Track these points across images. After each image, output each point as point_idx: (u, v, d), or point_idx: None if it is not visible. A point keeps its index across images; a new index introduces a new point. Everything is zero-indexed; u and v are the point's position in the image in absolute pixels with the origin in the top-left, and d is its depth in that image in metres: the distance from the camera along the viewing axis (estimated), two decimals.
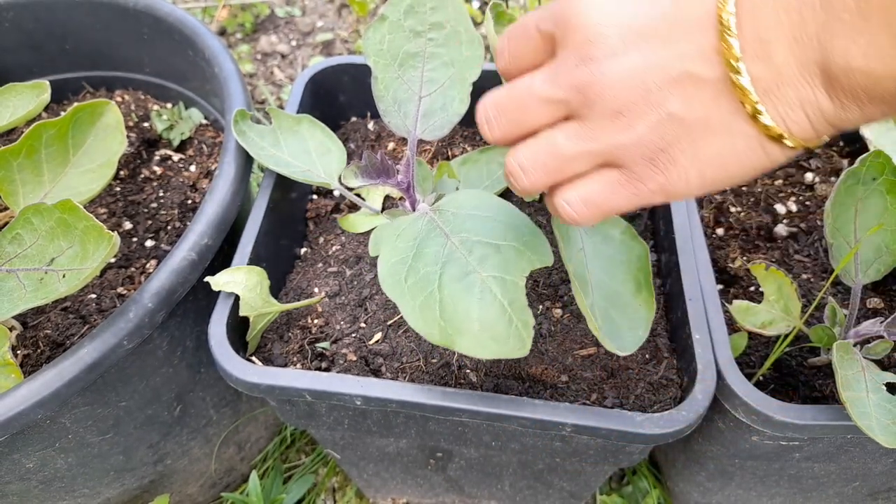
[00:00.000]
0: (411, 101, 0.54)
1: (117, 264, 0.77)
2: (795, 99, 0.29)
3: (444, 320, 0.40)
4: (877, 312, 0.70)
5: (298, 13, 1.75)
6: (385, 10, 0.54)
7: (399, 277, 0.43)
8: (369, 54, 0.54)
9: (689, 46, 0.30)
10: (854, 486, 0.70)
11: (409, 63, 0.54)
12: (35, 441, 0.60)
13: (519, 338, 0.39)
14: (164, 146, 0.93)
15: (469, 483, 0.81)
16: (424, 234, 0.45)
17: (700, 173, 0.33)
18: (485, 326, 0.40)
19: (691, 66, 0.30)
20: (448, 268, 0.42)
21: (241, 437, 0.90)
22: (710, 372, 0.54)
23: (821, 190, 0.82)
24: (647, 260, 0.57)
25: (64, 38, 0.94)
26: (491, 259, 0.42)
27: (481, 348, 0.40)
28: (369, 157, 0.52)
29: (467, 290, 0.41)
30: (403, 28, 0.54)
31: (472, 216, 0.45)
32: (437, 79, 0.54)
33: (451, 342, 0.40)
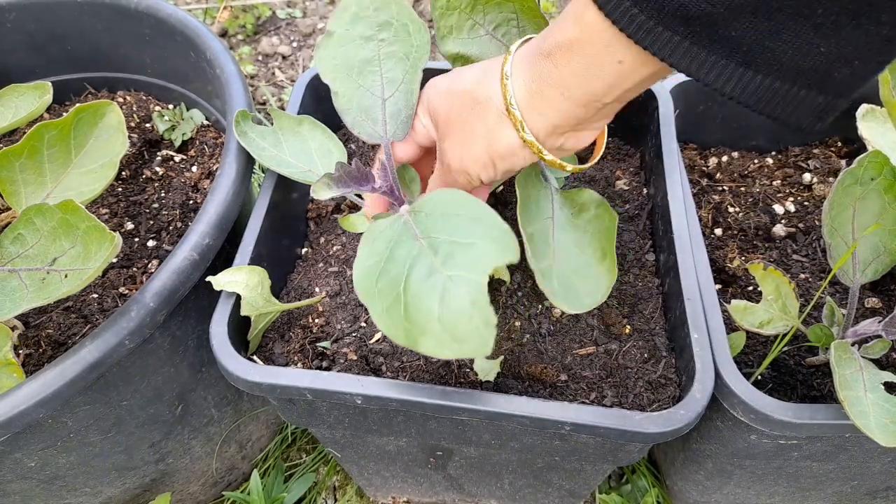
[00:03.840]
0: (376, 105, 0.54)
1: (119, 264, 0.77)
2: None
3: (408, 321, 0.40)
4: (875, 312, 0.70)
5: (299, 14, 1.76)
6: (330, 26, 0.54)
7: (371, 281, 0.43)
8: (325, 72, 0.53)
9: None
10: (852, 485, 0.70)
11: (367, 69, 0.54)
12: (37, 440, 0.61)
13: (480, 336, 0.38)
14: (166, 147, 0.94)
15: (469, 481, 0.82)
16: (398, 237, 0.45)
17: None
18: (446, 326, 0.39)
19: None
20: (414, 269, 0.42)
21: (243, 435, 0.91)
22: (709, 371, 0.54)
23: (819, 190, 0.83)
24: (614, 229, 0.58)
25: (66, 39, 0.94)
26: (455, 258, 0.41)
27: (443, 348, 0.39)
28: (341, 166, 0.52)
29: (430, 289, 0.41)
30: (353, 37, 0.54)
31: (443, 215, 0.45)
32: (396, 77, 0.54)
33: (415, 343, 0.40)
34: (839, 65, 0.34)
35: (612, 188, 0.78)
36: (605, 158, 0.85)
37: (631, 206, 0.75)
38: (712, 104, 0.86)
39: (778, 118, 0.37)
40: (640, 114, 0.80)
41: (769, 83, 0.35)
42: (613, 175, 0.80)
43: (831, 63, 0.34)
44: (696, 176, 0.88)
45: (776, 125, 0.87)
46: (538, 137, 0.47)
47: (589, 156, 0.58)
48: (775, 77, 0.35)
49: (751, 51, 0.34)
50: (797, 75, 0.35)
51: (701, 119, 0.87)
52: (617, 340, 0.63)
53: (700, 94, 0.84)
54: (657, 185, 0.72)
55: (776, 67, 0.35)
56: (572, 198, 0.60)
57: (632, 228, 0.73)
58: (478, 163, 0.50)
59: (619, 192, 0.77)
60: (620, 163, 0.82)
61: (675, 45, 0.36)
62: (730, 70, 0.35)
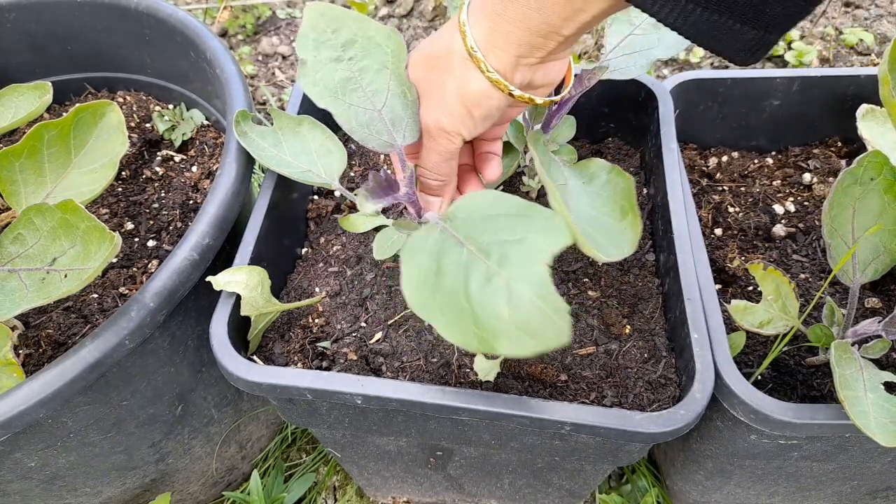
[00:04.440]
0: (374, 118, 0.54)
1: (119, 264, 0.77)
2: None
3: (479, 328, 0.40)
4: (875, 312, 0.70)
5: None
6: (300, 53, 0.53)
7: (426, 297, 0.43)
8: (315, 98, 0.53)
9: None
10: (852, 485, 0.70)
11: (349, 88, 0.54)
12: (37, 440, 0.61)
13: (555, 327, 0.38)
14: (166, 147, 0.94)
15: (469, 481, 0.82)
16: (440, 246, 0.45)
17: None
18: (520, 325, 0.39)
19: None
20: (471, 276, 0.42)
21: (243, 435, 0.91)
22: (709, 371, 0.54)
23: (819, 190, 0.83)
24: (632, 189, 0.56)
25: (66, 39, 0.94)
26: (510, 257, 0.41)
27: (521, 347, 0.39)
28: (374, 177, 0.51)
29: (494, 294, 0.41)
30: (323, 62, 0.53)
31: (482, 217, 0.45)
32: (381, 87, 0.54)
33: (492, 348, 0.40)
34: (770, 1, 0.37)
35: None
36: (604, 158, 0.85)
37: None
38: (712, 104, 0.86)
39: (714, 50, 0.40)
40: (640, 114, 0.80)
41: (707, 16, 0.38)
42: None
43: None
44: (696, 176, 0.88)
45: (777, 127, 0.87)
46: (504, 74, 0.48)
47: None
48: (713, 10, 0.37)
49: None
50: (733, 9, 0.37)
51: (701, 119, 0.87)
52: (617, 340, 0.63)
53: (700, 93, 0.84)
54: (657, 185, 0.72)
55: (714, 1, 0.37)
56: (581, 167, 0.59)
57: None
58: (454, 116, 0.51)
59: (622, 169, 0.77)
60: (620, 163, 0.82)
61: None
62: (672, 2, 0.38)
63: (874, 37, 1.50)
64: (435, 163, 0.54)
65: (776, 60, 1.50)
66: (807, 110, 0.86)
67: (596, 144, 0.87)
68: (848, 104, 0.83)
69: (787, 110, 0.86)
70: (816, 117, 0.86)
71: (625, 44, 0.68)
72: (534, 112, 0.66)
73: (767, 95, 0.85)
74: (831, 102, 0.85)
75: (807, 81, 0.83)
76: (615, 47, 0.68)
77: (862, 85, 0.82)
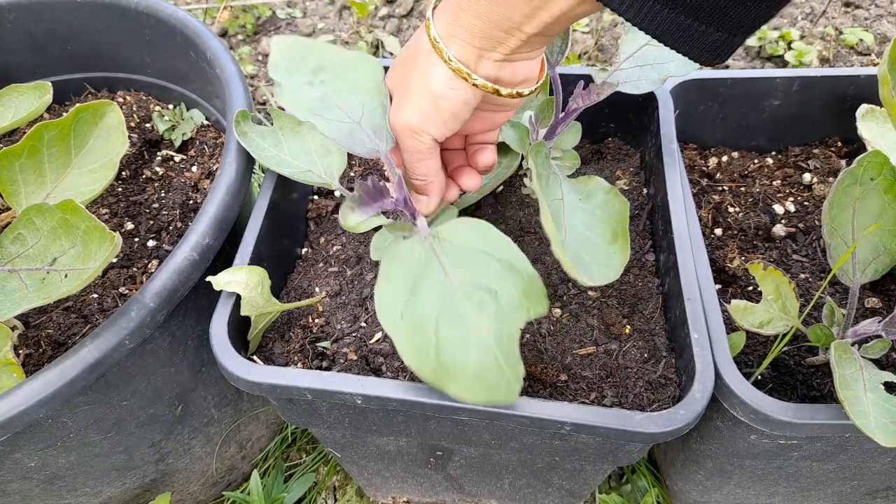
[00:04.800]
0: (355, 129, 0.54)
1: (119, 264, 0.77)
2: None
3: (438, 364, 0.41)
4: (875, 312, 0.70)
5: (299, 15, 1.76)
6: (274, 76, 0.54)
7: (395, 312, 0.43)
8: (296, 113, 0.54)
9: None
10: (852, 485, 0.70)
11: (325, 106, 0.54)
12: (37, 440, 0.61)
13: (509, 388, 0.40)
14: (166, 147, 0.94)
15: (469, 481, 0.82)
16: (423, 266, 0.45)
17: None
18: (477, 376, 0.41)
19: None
20: (445, 311, 0.43)
21: (243, 435, 0.91)
22: (709, 371, 0.54)
23: (819, 190, 0.83)
24: (625, 213, 0.58)
25: (66, 39, 0.94)
26: (488, 308, 0.42)
27: (471, 395, 0.41)
28: (360, 186, 0.51)
29: (464, 340, 0.42)
30: (297, 85, 0.54)
31: (471, 250, 0.45)
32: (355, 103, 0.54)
33: (443, 385, 0.41)
34: (734, 4, 0.37)
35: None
36: (604, 158, 0.85)
37: (631, 206, 0.75)
38: (712, 104, 0.86)
39: (680, 50, 0.40)
40: (640, 114, 0.80)
41: (673, 17, 0.38)
42: (613, 175, 0.80)
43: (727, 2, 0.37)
44: (696, 176, 0.88)
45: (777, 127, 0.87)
46: (467, 65, 0.47)
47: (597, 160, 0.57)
48: (679, 11, 0.38)
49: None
50: (698, 11, 0.38)
51: (701, 119, 0.87)
52: (617, 340, 0.63)
53: (700, 93, 0.84)
54: (657, 185, 0.72)
55: (680, 2, 0.38)
56: (580, 185, 0.60)
57: (632, 228, 0.73)
58: (420, 112, 0.50)
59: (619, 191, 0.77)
60: (620, 163, 0.82)
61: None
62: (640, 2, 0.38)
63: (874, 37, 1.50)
64: (410, 162, 0.54)
65: (776, 60, 1.50)
66: (807, 110, 0.86)
67: (596, 144, 0.87)
68: (848, 104, 0.83)
69: (787, 110, 0.86)
70: (816, 117, 0.86)
71: (639, 54, 0.67)
72: (539, 116, 0.65)
73: (767, 95, 0.85)
74: (831, 102, 0.85)
75: (807, 81, 0.83)
76: (629, 57, 0.67)
77: (862, 85, 0.82)
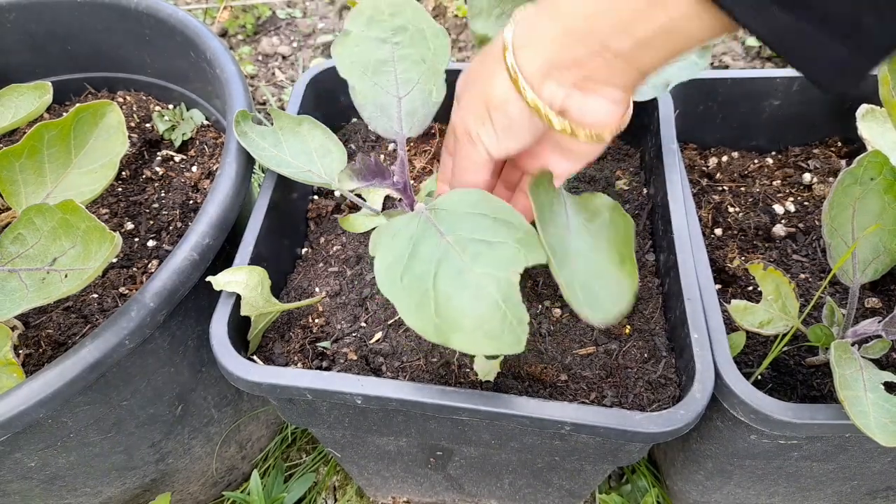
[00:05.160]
0: (391, 103, 0.55)
1: (119, 264, 0.77)
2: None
3: (440, 318, 0.41)
4: (875, 312, 0.70)
5: (299, 15, 1.76)
6: (348, 25, 0.55)
7: (395, 276, 0.43)
8: (342, 68, 0.55)
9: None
10: (852, 485, 0.70)
11: (382, 69, 0.55)
12: (37, 440, 0.61)
13: (514, 334, 0.39)
14: (166, 147, 0.94)
15: (469, 481, 0.82)
16: (420, 233, 0.45)
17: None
18: (479, 323, 0.40)
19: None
20: (443, 266, 0.42)
21: (243, 435, 0.91)
22: (709, 371, 0.54)
23: (819, 190, 0.83)
24: (631, 233, 0.57)
25: (66, 39, 0.94)
26: (484, 256, 0.42)
27: (476, 345, 0.40)
28: (363, 159, 0.52)
29: (462, 287, 0.41)
30: (369, 38, 0.55)
31: (466, 214, 0.45)
32: (411, 78, 0.55)
33: (447, 339, 0.40)
34: (867, 10, 0.32)
35: (612, 188, 0.78)
36: (604, 158, 0.85)
37: (631, 206, 0.75)
38: (712, 104, 0.86)
39: (797, 64, 0.35)
40: (640, 114, 0.80)
41: (795, 23, 0.33)
42: (613, 175, 0.80)
43: (860, 8, 0.32)
44: (696, 176, 0.88)
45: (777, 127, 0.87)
46: (530, 78, 0.43)
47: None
48: (802, 18, 0.33)
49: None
50: (824, 19, 0.33)
51: (701, 119, 0.87)
52: (617, 340, 0.63)
53: (700, 94, 0.84)
54: (657, 185, 0.72)
55: (805, 7, 0.33)
56: (584, 203, 0.59)
57: None
58: (475, 114, 0.47)
59: (619, 192, 0.77)
60: (620, 163, 0.82)
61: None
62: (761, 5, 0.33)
63: None
64: (459, 170, 0.51)
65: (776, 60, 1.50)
66: (807, 110, 0.86)
67: None
68: (848, 104, 0.83)
69: (787, 110, 0.86)
70: (816, 117, 0.86)
71: None
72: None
73: (767, 95, 0.85)
74: (831, 102, 0.85)
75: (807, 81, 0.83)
76: None
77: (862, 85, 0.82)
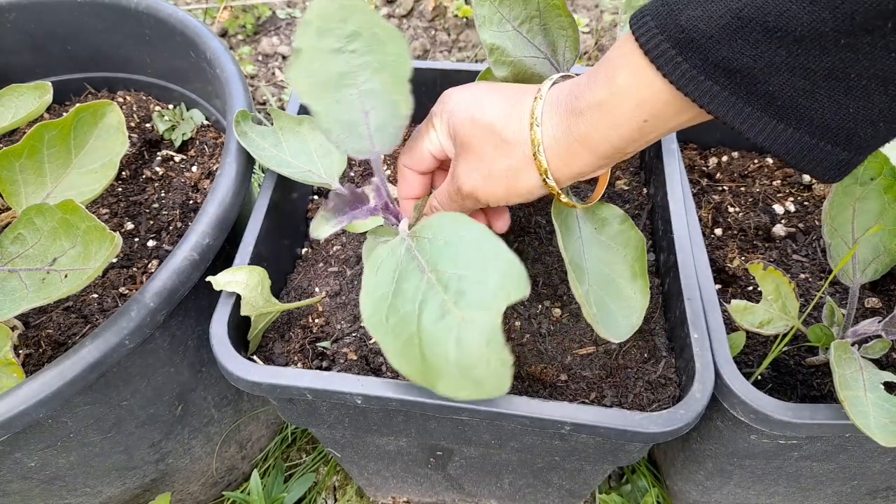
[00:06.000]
0: (359, 120, 0.51)
1: (119, 264, 0.77)
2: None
3: (424, 364, 0.40)
4: (875, 312, 0.70)
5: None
6: (296, 43, 0.50)
7: (381, 316, 0.43)
8: (301, 92, 0.50)
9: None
10: (852, 485, 0.70)
11: (343, 83, 0.51)
12: (37, 440, 0.61)
13: (497, 378, 0.39)
14: (166, 147, 0.94)
15: (469, 481, 0.82)
16: (403, 266, 0.45)
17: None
18: (463, 370, 0.40)
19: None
20: (426, 306, 0.42)
21: (243, 435, 0.91)
22: (709, 371, 0.54)
23: (819, 190, 0.83)
24: (643, 250, 0.58)
25: (66, 39, 0.94)
26: (467, 296, 0.41)
27: (460, 391, 0.40)
28: (334, 196, 0.51)
29: (445, 332, 0.40)
30: (322, 51, 0.51)
31: (448, 244, 0.44)
32: (374, 88, 0.52)
33: (433, 385, 0.41)
34: (865, 125, 0.36)
35: (612, 188, 0.78)
36: None
37: (631, 206, 0.75)
38: None
39: (803, 169, 0.39)
40: None
41: (798, 136, 0.38)
42: (613, 175, 0.80)
43: (858, 123, 0.36)
44: (696, 176, 0.88)
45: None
46: (559, 183, 0.50)
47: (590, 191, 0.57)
48: (804, 132, 0.37)
49: (785, 106, 0.37)
50: (825, 132, 0.37)
51: None
52: None
53: None
54: (657, 185, 0.72)
55: (807, 123, 0.37)
56: (594, 212, 0.60)
57: None
58: (493, 195, 0.52)
59: (619, 192, 0.77)
60: (620, 163, 0.82)
61: (715, 94, 0.38)
62: (763, 122, 0.38)
63: None
64: (450, 209, 0.56)
65: None
66: None
67: None
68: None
69: None
70: None
71: None
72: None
73: None
74: None
75: None
76: None
77: None
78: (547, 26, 0.60)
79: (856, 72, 0.34)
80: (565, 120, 0.46)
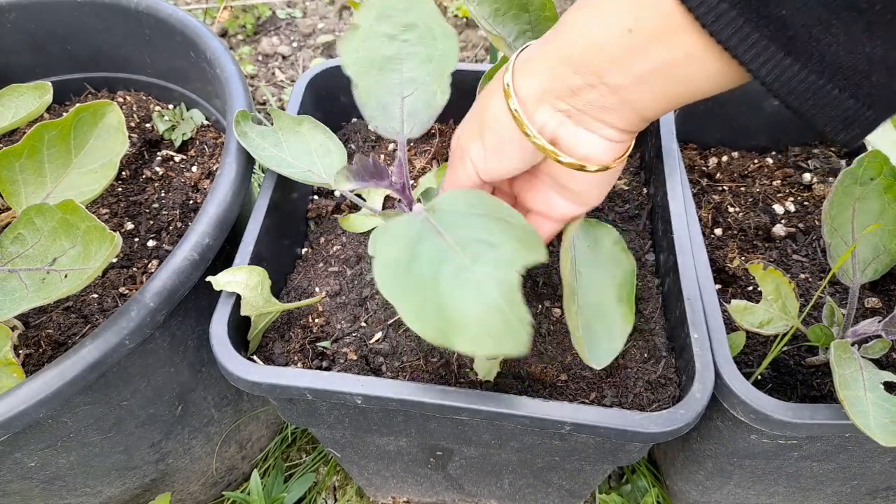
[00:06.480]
0: (394, 103, 0.54)
1: (119, 264, 0.77)
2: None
3: (442, 320, 0.40)
4: (875, 312, 0.70)
5: (299, 15, 1.76)
6: (356, 19, 0.54)
7: (396, 279, 0.43)
8: (347, 63, 0.54)
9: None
10: (852, 485, 0.70)
11: (388, 66, 0.54)
12: (37, 440, 0.61)
13: (516, 334, 0.39)
14: (166, 147, 0.94)
15: (469, 481, 0.82)
16: (419, 234, 0.45)
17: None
18: (482, 325, 0.39)
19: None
20: (443, 267, 0.42)
21: (243, 435, 0.91)
22: (709, 371, 0.54)
23: (819, 190, 0.83)
24: (633, 276, 0.59)
25: (66, 39, 0.94)
26: (485, 257, 0.41)
27: (479, 346, 0.39)
28: (360, 160, 0.52)
29: (463, 288, 0.41)
30: (377, 34, 0.54)
31: (466, 214, 0.45)
32: (417, 77, 0.54)
33: (450, 342, 0.40)
34: (880, 69, 0.32)
35: (612, 188, 0.78)
36: None
37: (631, 206, 0.75)
38: (712, 104, 0.86)
39: (806, 115, 0.36)
40: None
41: (805, 75, 0.34)
42: None
43: (872, 65, 0.32)
44: (696, 176, 0.88)
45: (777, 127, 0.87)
46: (525, 101, 0.44)
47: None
48: (812, 70, 0.34)
49: (796, 36, 0.33)
50: (835, 72, 0.33)
51: (701, 119, 0.87)
52: None
53: None
54: (657, 185, 0.72)
55: (816, 59, 0.33)
56: (588, 229, 0.61)
57: (632, 228, 0.73)
58: (469, 131, 0.50)
59: (619, 192, 0.77)
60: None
61: (722, 12, 0.33)
62: (769, 52, 0.34)
63: None
64: (451, 184, 0.53)
65: None
66: None
67: None
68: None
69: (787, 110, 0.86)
70: None
71: None
72: None
73: (767, 95, 0.84)
74: None
75: None
76: None
77: None
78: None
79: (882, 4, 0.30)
80: (540, 43, 0.44)
